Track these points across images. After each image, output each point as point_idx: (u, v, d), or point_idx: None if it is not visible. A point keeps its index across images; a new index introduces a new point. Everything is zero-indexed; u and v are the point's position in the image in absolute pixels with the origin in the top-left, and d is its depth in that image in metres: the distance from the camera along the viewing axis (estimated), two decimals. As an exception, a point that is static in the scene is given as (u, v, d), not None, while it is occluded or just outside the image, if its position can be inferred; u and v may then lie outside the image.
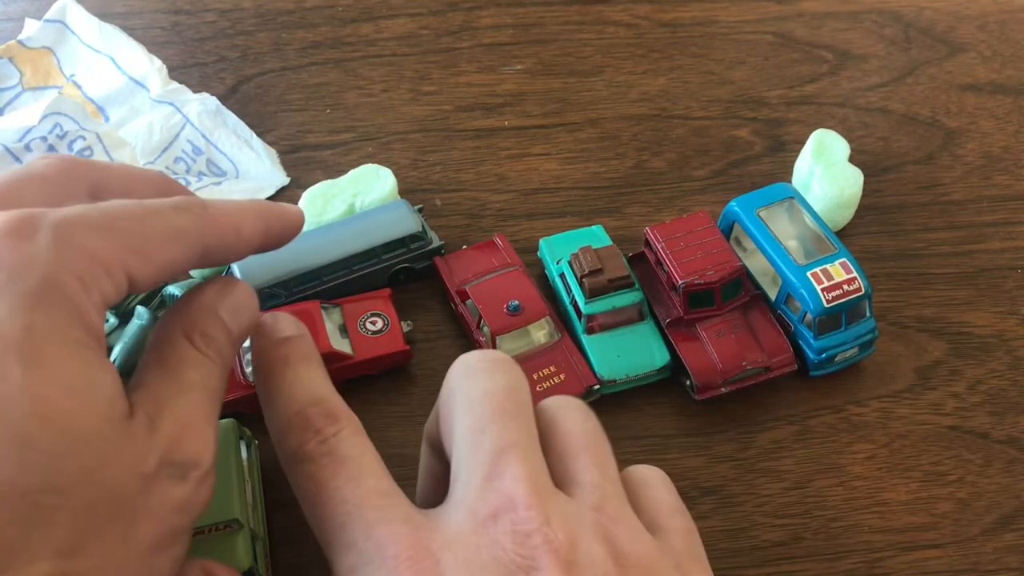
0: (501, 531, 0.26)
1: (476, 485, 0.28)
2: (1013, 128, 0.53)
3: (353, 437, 0.30)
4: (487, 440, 0.28)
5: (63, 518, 0.23)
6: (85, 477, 0.23)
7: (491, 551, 0.26)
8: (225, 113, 0.51)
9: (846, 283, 0.40)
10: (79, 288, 0.24)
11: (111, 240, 0.25)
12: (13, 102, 0.52)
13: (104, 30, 0.54)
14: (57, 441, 0.23)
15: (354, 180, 0.47)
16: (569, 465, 0.30)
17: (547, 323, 0.42)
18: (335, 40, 0.56)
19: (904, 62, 0.56)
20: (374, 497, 0.28)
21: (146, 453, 0.25)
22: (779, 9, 0.59)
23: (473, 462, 0.28)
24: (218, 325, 0.29)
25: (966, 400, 0.42)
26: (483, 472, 0.28)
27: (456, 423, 0.29)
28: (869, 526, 0.39)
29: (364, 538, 0.27)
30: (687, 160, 0.51)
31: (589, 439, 0.31)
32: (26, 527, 0.22)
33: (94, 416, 0.24)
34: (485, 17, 0.58)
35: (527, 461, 0.28)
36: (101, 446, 0.24)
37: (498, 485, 0.27)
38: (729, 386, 0.41)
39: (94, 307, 0.25)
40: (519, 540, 0.26)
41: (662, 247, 0.42)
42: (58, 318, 0.24)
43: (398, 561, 0.26)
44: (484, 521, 0.27)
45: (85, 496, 0.23)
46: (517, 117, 0.53)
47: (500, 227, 0.47)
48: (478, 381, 0.30)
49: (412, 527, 0.27)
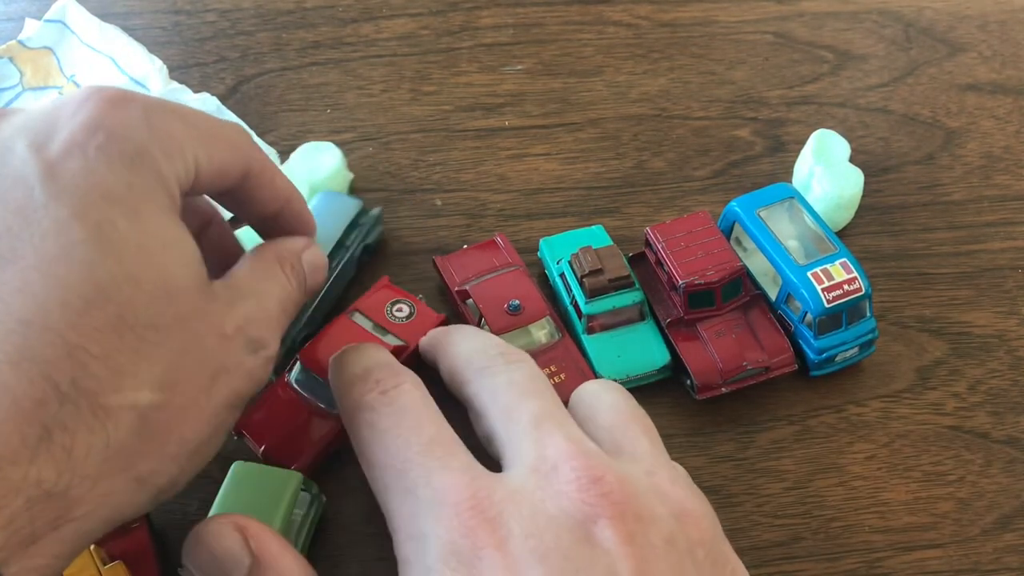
0: (563, 480, 0.27)
1: (527, 449, 0.28)
2: (1014, 128, 0.53)
3: (414, 390, 0.31)
4: (524, 415, 0.29)
5: (162, 355, 0.26)
6: (178, 322, 0.26)
7: (556, 502, 0.26)
8: (225, 113, 0.51)
9: (846, 283, 0.40)
10: (164, 159, 0.27)
11: (187, 128, 0.29)
12: (13, 102, 0.52)
13: (104, 30, 0.54)
14: (158, 286, 0.26)
15: (302, 160, 0.47)
16: (618, 435, 0.30)
17: (548, 323, 0.42)
18: (335, 40, 0.56)
19: (904, 62, 0.56)
20: (435, 446, 0.28)
21: (224, 318, 0.28)
22: (779, 9, 0.59)
23: (516, 435, 0.29)
24: (299, 266, 0.32)
25: (966, 400, 0.42)
26: (531, 439, 0.29)
27: (488, 415, 0.31)
28: (869, 526, 0.39)
29: (424, 484, 0.27)
30: (687, 160, 0.51)
31: (635, 414, 0.32)
32: (135, 356, 0.25)
33: (184, 270, 0.27)
34: (485, 17, 0.58)
35: (567, 427, 0.29)
36: (190, 298, 0.27)
37: (549, 443, 0.28)
38: (729, 386, 0.41)
39: (175, 179, 0.28)
40: (584, 487, 0.26)
41: (662, 247, 0.42)
42: (150, 182, 0.27)
43: (459, 509, 0.26)
44: (546, 473, 0.27)
45: (180, 339, 0.26)
46: (517, 117, 0.53)
47: (500, 227, 0.47)
48: (497, 376, 0.31)
49: (473, 476, 0.27)
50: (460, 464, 0.28)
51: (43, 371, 0.23)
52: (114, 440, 0.24)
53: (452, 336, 0.36)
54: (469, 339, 0.35)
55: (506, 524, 0.26)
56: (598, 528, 0.26)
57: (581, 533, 0.26)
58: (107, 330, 0.25)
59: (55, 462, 0.23)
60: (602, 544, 0.25)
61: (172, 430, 0.26)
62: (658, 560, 0.26)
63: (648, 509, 0.27)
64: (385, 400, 0.30)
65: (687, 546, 0.27)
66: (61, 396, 0.24)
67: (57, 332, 0.24)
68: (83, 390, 0.24)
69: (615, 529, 0.26)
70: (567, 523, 0.26)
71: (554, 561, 0.25)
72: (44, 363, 0.24)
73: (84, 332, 0.24)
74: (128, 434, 0.25)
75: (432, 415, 0.30)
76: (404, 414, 0.30)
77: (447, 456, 0.28)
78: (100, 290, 0.25)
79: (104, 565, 0.32)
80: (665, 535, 0.26)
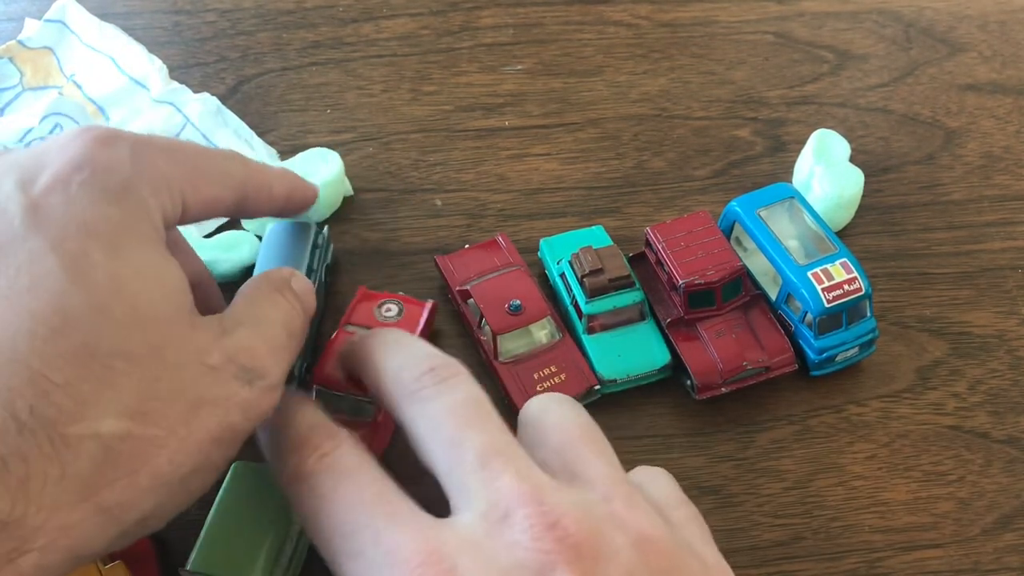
0: (517, 529, 0.26)
1: (476, 492, 0.27)
2: (1014, 128, 0.53)
3: (353, 450, 0.30)
4: (467, 452, 0.28)
5: (130, 383, 0.26)
6: (152, 352, 0.26)
7: (510, 552, 0.25)
8: (226, 113, 0.51)
9: (847, 283, 0.40)
10: (149, 193, 0.29)
11: (174, 164, 0.30)
12: (13, 102, 0.52)
13: (104, 30, 0.54)
14: (127, 313, 0.26)
15: (300, 164, 0.47)
16: (570, 458, 0.29)
17: (548, 323, 0.42)
18: (336, 40, 0.56)
19: (904, 62, 0.56)
20: (381, 503, 0.28)
21: (209, 347, 0.28)
22: (779, 9, 0.59)
23: (461, 475, 0.28)
24: (292, 292, 0.33)
25: (966, 400, 0.42)
26: (478, 480, 0.27)
27: (428, 448, 0.29)
28: (869, 526, 0.39)
29: (373, 545, 0.26)
30: (687, 160, 0.51)
31: (584, 431, 0.30)
32: (99, 385, 0.25)
33: (159, 298, 0.27)
34: (486, 17, 0.58)
35: (516, 461, 0.28)
36: (164, 327, 0.27)
37: (499, 487, 0.27)
38: (729, 386, 0.41)
39: (160, 212, 0.29)
40: (538, 535, 0.25)
41: (662, 247, 0.42)
42: (132, 214, 0.28)
43: (411, 566, 0.25)
44: (497, 522, 0.26)
45: (151, 368, 0.26)
46: (518, 117, 0.53)
47: (501, 227, 0.48)
48: (431, 402, 0.30)
49: (421, 528, 0.27)
50: (407, 518, 0.27)
51: (3, 400, 0.24)
52: (73, 470, 0.24)
53: (374, 348, 0.33)
54: (393, 352, 0.32)
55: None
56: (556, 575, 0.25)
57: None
58: (71, 359, 0.25)
59: (9, 491, 0.23)
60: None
61: (143, 461, 0.26)
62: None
63: (607, 544, 0.26)
64: (324, 465, 0.29)
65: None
66: (20, 425, 0.24)
67: (22, 362, 0.24)
68: (43, 419, 0.24)
69: (574, 575, 0.25)
70: (523, 574, 0.25)
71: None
72: (6, 391, 0.24)
73: (48, 360, 0.24)
74: (90, 464, 0.25)
75: (373, 473, 0.29)
76: (345, 477, 0.29)
77: (393, 512, 0.27)
78: (67, 319, 0.25)
79: (104, 565, 0.32)
80: (625, 569, 0.26)
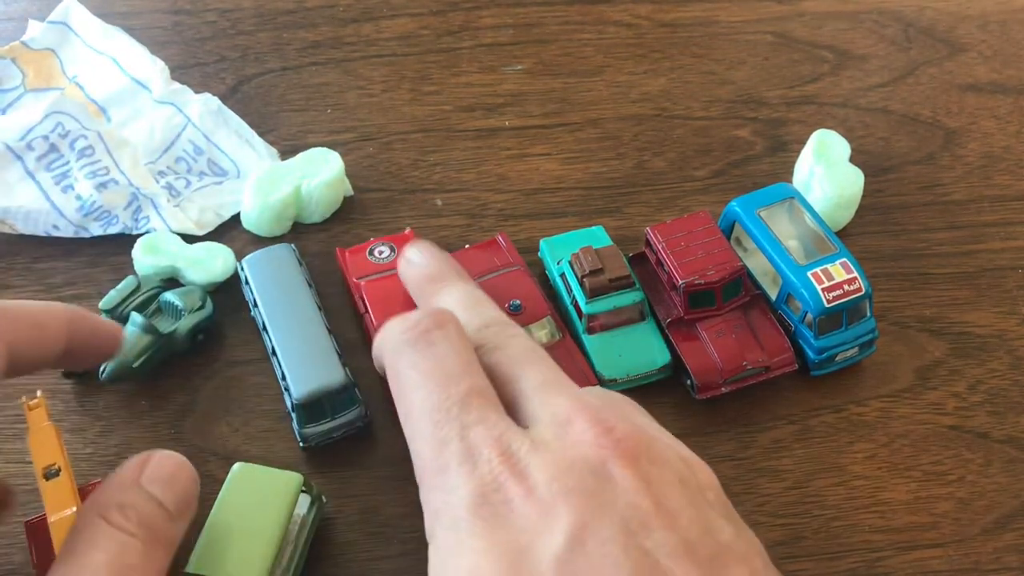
0: (579, 431, 0.28)
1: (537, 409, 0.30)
2: (1014, 128, 0.53)
3: (457, 335, 0.32)
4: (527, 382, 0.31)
5: None
6: None
7: (575, 450, 0.28)
8: (226, 113, 0.51)
9: (847, 283, 0.40)
10: None
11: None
12: (15, 103, 0.52)
13: (107, 31, 0.54)
14: None
15: (301, 164, 0.47)
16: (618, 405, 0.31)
17: (549, 323, 0.42)
18: (336, 40, 0.57)
19: (905, 62, 0.56)
20: (473, 397, 0.29)
21: None
22: (779, 9, 0.59)
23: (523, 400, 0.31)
24: (141, 496, 0.28)
25: (966, 400, 0.42)
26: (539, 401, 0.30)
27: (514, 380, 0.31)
28: (869, 526, 0.39)
29: (460, 438, 0.28)
30: (688, 160, 0.51)
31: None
32: None
33: None
34: (486, 17, 0.58)
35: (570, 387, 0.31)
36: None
37: (559, 402, 0.30)
38: (729, 386, 0.41)
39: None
40: (598, 435, 0.28)
41: (663, 247, 0.42)
42: None
43: (492, 465, 0.28)
44: (562, 425, 0.29)
45: None
46: (518, 117, 0.53)
47: (501, 227, 0.48)
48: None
49: (503, 431, 0.29)
50: (494, 419, 0.29)
51: None
52: None
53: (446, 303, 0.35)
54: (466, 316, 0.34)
55: (532, 475, 0.27)
56: (616, 469, 0.27)
57: (602, 474, 0.27)
58: None
59: None
60: (621, 483, 0.27)
61: None
62: (674, 495, 0.27)
63: (659, 453, 0.29)
64: (428, 340, 0.31)
65: (698, 486, 0.29)
66: None
67: None
68: None
69: (631, 469, 0.27)
70: (587, 467, 0.27)
71: (578, 498, 0.27)
72: None
73: None
74: None
75: (472, 364, 0.31)
76: (445, 359, 0.30)
77: (483, 410, 0.29)
78: None
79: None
80: (677, 475, 0.28)
